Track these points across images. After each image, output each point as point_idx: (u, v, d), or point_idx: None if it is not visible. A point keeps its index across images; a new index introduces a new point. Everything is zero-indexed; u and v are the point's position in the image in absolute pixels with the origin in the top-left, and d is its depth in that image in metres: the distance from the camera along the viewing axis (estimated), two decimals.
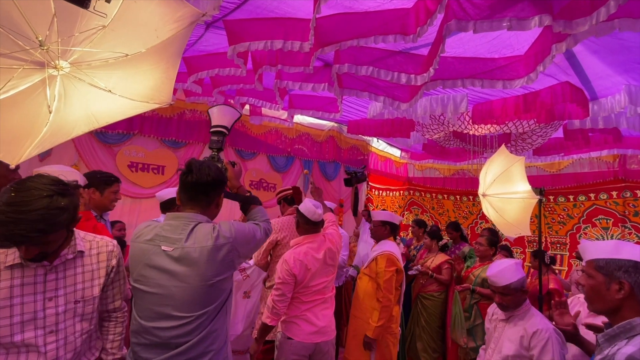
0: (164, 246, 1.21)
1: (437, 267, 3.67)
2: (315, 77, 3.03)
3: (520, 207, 3.08)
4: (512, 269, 1.88)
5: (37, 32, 1.06)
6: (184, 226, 1.24)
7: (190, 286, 1.19)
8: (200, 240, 1.22)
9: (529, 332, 1.75)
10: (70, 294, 1.22)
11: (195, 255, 1.20)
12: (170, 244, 1.21)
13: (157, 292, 1.20)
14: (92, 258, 1.30)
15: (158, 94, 1.13)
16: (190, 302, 1.19)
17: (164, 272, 1.20)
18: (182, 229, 1.24)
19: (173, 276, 1.19)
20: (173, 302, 1.19)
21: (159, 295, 1.20)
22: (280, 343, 2.11)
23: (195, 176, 1.26)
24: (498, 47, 2.40)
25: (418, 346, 3.67)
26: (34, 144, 0.92)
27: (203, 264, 1.20)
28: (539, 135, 3.95)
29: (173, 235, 1.23)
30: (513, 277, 1.85)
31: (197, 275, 1.19)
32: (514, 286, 1.84)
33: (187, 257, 1.20)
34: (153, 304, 1.20)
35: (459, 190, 7.11)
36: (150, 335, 1.20)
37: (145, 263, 1.22)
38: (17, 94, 1.07)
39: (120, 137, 4.20)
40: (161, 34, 1.25)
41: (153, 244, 1.23)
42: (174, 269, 1.20)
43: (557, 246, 5.91)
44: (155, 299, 1.20)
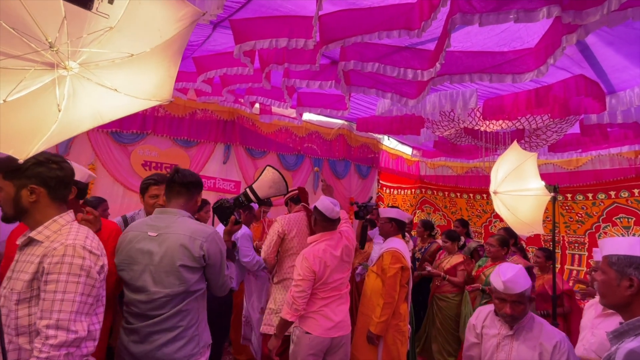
0: (150, 232, 1.49)
1: (452, 268, 3.62)
2: (322, 75, 3.04)
3: (533, 204, 3.01)
4: (523, 273, 1.69)
5: (47, 34, 1.11)
6: (169, 218, 1.53)
7: (162, 266, 1.45)
8: (180, 229, 1.49)
9: (547, 347, 1.56)
10: (13, 280, 1.11)
11: (172, 240, 1.47)
12: (155, 231, 1.49)
13: (138, 269, 1.47)
14: (39, 249, 1.12)
15: (160, 91, 1.18)
16: (161, 280, 1.45)
17: (145, 253, 1.47)
18: (168, 220, 1.52)
19: (151, 256, 1.46)
20: (149, 278, 1.46)
21: (140, 272, 1.47)
22: (298, 337, 2.15)
23: (180, 176, 1.57)
24: (507, 40, 2.35)
25: (433, 347, 3.64)
26: (42, 141, 0.98)
27: (176, 249, 1.45)
28: (553, 131, 3.83)
29: (159, 224, 1.51)
30: (526, 283, 1.67)
31: (169, 257, 1.45)
32: (527, 294, 1.66)
33: (165, 242, 1.47)
34: (135, 280, 1.47)
35: (472, 188, 6.97)
36: (133, 306, 1.48)
37: (132, 246, 1.49)
38: (29, 94, 1.12)
39: (135, 136, 4.32)
40: (164, 33, 1.29)
41: (141, 231, 1.51)
42: (153, 249, 1.47)
43: (575, 246, 5.72)
44: (137, 275, 1.47)
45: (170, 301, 1.45)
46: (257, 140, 5.26)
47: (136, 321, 1.48)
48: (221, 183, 4.93)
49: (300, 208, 2.91)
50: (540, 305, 3.46)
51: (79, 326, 1.05)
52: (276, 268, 2.83)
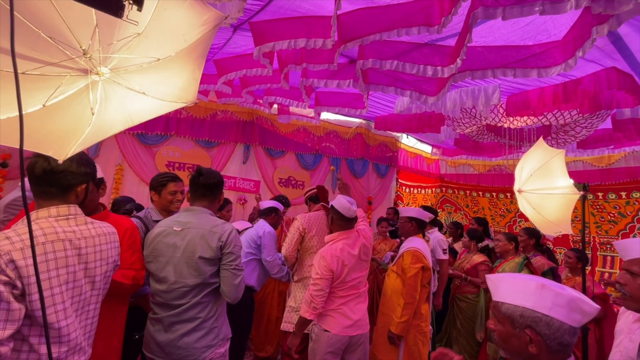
0: (175, 227, 1.62)
1: (473, 268, 3.54)
2: (340, 74, 3.05)
3: (561, 203, 2.89)
4: None
5: (81, 42, 1.17)
6: (193, 215, 1.66)
7: (184, 258, 1.56)
8: (201, 224, 1.61)
9: None
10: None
11: (193, 234, 1.59)
12: (180, 226, 1.62)
13: (163, 260, 1.58)
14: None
15: (185, 94, 1.22)
16: (181, 271, 1.56)
17: (170, 246, 1.59)
18: (191, 217, 1.65)
19: (175, 249, 1.58)
20: (172, 269, 1.57)
21: (164, 263, 1.58)
22: (317, 335, 2.18)
23: (204, 178, 1.68)
24: (532, 34, 2.26)
25: (454, 349, 3.58)
26: (78, 143, 1.04)
27: (197, 241, 1.57)
28: (583, 126, 3.66)
29: (184, 220, 1.64)
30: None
31: (190, 250, 1.56)
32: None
33: (187, 235, 1.59)
34: (159, 271, 1.59)
35: (495, 187, 6.76)
36: (157, 296, 1.60)
37: (159, 240, 1.62)
38: (65, 98, 1.19)
39: (159, 138, 4.48)
40: (189, 37, 1.33)
41: (168, 226, 1.64)
42: (177, 243, 1.59)
43: (606, 247, 5.44)
44: (161, 266, 1.58)
45: (189, 292, 1.56)
46: (275, 140, 5.33)
47: (160, 311, 1.59)
48: (241, 182, 5.03)
49: (320, 207, 2.92)
50: None
51: None
52: (296, 266, 2.86)
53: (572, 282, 3.44)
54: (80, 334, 1.17)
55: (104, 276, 1.24)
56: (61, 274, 1.08)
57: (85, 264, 1.16)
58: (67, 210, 1.16)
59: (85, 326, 1.20)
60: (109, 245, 1.26)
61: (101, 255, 1.22)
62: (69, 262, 1.10)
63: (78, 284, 1.14)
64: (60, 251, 1.08)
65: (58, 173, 1.14)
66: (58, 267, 1.07)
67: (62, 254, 1.09)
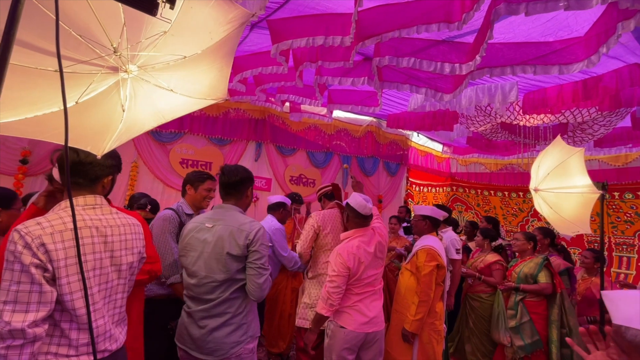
0: (207, 224, 1.68)
1: (487, 267, 3.51)
2: (354, 71, 3.04)
3: (579, 202, 2.84)
4: None
5: (112, 40, 1.19)
6: (223, 212, 1.71)
7: (213, 253, 1.60)
8: (230, 221, 1.66)
9: None
10: None
11: (223, 230, 1.63)
12: (212, 223, 1.67)
13: (194, 255, 1.64)
14: None
15: (214, 91, 1.24)
16: (210, 266, 1.60)
17: (201, 241, 1.64)
18: (222, 214, 1.70)
19: (206, 244, 1.63)
20: (202, 263, 1.61)
21: (195, 258, 1.63)
22: (333, 332, 2.19)
23: (226, 177, 1.73)
24: (553, 30, 2.23)
25: (466, 348, 3.56)
26: (113, 138, 1.07)
27: (225, 238, 1.61)
28: (601, 124, 3.59)
29: (215, 217, 1.70)
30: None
31: (219, 246, 1.60)
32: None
33: (217, 232, 1.63)
34: (191, 265, 1.63)
35: (507, 186, 6.68)
36: (189, 289, 1.65)
37: (192, 235, 1.67)
38: (97, 95, 1.22)
39: (173, 135, 4.54)
40: (215, 35, 1.35)
41: (200, 222, 1.70)
42: (208, 239, 1.63)
43: (622, 248, 5.34)
44: (193, 260, 1.63)
45: (218, 287, 1.60)
46: (287, 138, 5.35)
47: (192, 304, 1.64)
48: None
49: (334, 205, 2.92)
50: (586, 310, 3.28)
51: (8, 317, 0.97)
52: (310, 263, 2.87)
53: (588, 283, 3.39)
54: (108, 321, 1.20)
55: (129, 266, 1.26)
56: (89, 259, 1.11)
57: (111, 251, 1.19)
58: (93, 200, 1.20)
59: (113, 315, 1.22)
60: (134, 235, 1.29)
61: (126, 244, 1.24)
62: (95, 249, 1.14)
63: (105, 271, 1.16)
64: (87, 237, 1.12)
65: (86, 165, 1.18)
66: (86, 253, 1.11)
67: (89, 240, 1.12)
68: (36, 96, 1.09)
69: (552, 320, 3.01)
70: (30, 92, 1.09)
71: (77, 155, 1.19)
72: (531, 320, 3.04)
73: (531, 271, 3.09)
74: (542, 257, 3.15)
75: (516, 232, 6.44)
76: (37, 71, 1.19)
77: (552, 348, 2.96)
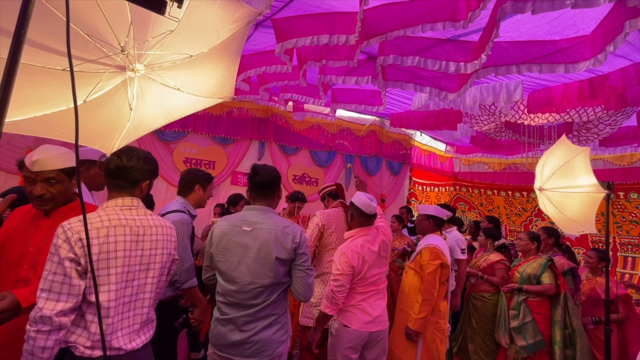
0: (244, 227, 1.61)
1: (489, 266, 3.50)
2: (358, 70, 3.04)
3: (584, 202, 2.83)
4: None
5: (119, 39, 1.20)
6: (259, 214, 1.65)
7: (259, 259, 1.56)
8: (272, 225, 1.61)
9: None
10: None
11: (266, 235, 1.58)
12: (249, 226, 1.61)
13: (234, 260, 1.58)
14: None
15: (221, 89, 1.24)
16: (257, 272, 1.55)
17: (241, 245, 1.58)
18: (258, 216, 1.64)
19: (247, 249, 1.58)
20: (246, 269, 1.56)
21: (236, 263, 1.57)
22: (337, 330, 2.19)
23: (260, 177, 1.65)
24: (559, 28, 2.21)
25: (469, 347, 3.55)
26: (121, 137, 1.08)
27: (271, 242, 1.57)
28: (606, 123, 3.57)
29: (251, 220, 1.63)
30: None
31: (265, 250, 1.56)
32: None
33: (260, 236, 1.58)
34: (231, 270, 1.58)
35: (510, 185, 6.66)
36: (229, 296, 1.58)
37: (229, 239, 1.60)
38: (104, 94, 1.22)
39: (177, 134, 4.55)
40: (221, 34, 1.35)
41: (235, 225, 1.63)
42: (249, 243, 1.58)
43: (627, 248, 5.31)
44: (233, 266, 1.58)
45: (263, 291, 1.57)
46: (290, 137, 5.35)
47: (232, 311, 1.58)
48: None
49: (338, 204, 2.93)
50: (591, 310, 3.26)
51: (42, 303, 1.05)
52: (314, 262, 2.87)
53: (593, 283, 3.37)
54: (130, 320, 1.23)
55: (160, 265, 1.30)
56: (119, 256, 1.17)
57: (142, 250, 1.24)
58: (130, 202, 1.27)
59: (138, 314, 1.25)
60: (165, 237, 1.33)
61: (157, 244, 1.29)
62: (127, 247, 1.19)
63: (133, 269, 1.21)
64: (120, 235, 1.18)
65: (128, 169, 1.24)
66: (117, 250, 1.16)
67: (122, 238, 1.18)
68: (44, 95, 1.10)
69: (556, 321, 3.00)
70: (38, 90, 1.10)
71: (120, 160, 1.25)
72: (534, 320, 3.03)
73: (534, 272, 3.08)
74: (546, 257, 3.13)
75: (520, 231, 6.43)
76: (45, 70, 1.20)
77: (555, 349, 2.95)
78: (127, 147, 1.24)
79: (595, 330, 3.18)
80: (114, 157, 1.22)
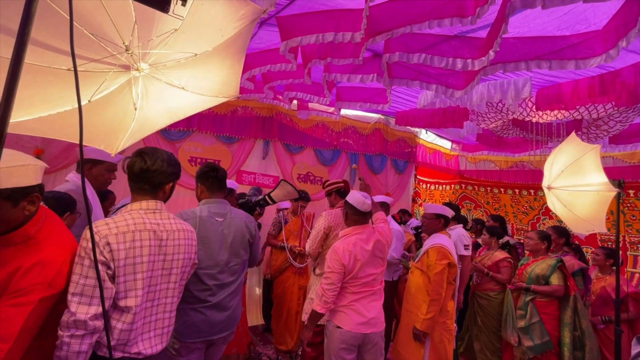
0: (217, 218, 1.89)
1: (494, 265, 3.46)
2: (363, 68, 3.00)
3: (594, 200, 2.78)
4: None
5: (124, 38, 1.19)
6: (224, 206, 1.95)
7: (237, 242, 1.91)
8: (238, 215, 1.99)
9: None
10: None
11: (237, 223, 1.95)
12: (221, 217, 1.91)
13: (215, 246, 1.84)
14: None
15: (226, 88, 1.23)
16: (237, 252, 1.91)
17: (219, 233, 1.87)
18: (224, 208, 1.94)
19: (224, 236, 1.88)
20: (227, 251, 1.87)
21: (217, 248, 1.85)
22: (330, 331, 2.17)
23: (221, 173, 1.94)
24: (570, 23, 2.16)
25: (475, 346, 3.52)
26: (125, 137, 1.07)
27: (242, 228, 1.95)
28: (617, 120, 3.50)
29: (219, 211, 1.92)
30: None
31: (240, 235, 1.93)
32: None
33: (232, 224, 1.92)
34: (215, 255, 1.83)
35: (517, 183, 6.58)
36: (213, 280, 1.80)
37: (207, 228, 1.84)
38: (109, 94, 1.22)
39: (182, 133, 4.55)
40: (225, 32, 1.34)
41: (210, 216, 1.87)
42: (224, 230, 1.89)
43: (637, 247, 5.22)
44: (214, 251, 1.83)
45: (239, 268, 1.93)
46: (294, 135, 5.33)
47: (213, 297, 1.79)
48: (260, 178, 5.07)
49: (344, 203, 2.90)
50: (600, 310, 3.21)
51: (74, 307, 1.04)
52: (319, 261, 2.86)
53: (603, 282, 3.32)
54: (150, 325, 1.22)
55: (180, 270, 1.29)
56: (144, 261, 1.17)
57: (164, 255, 1.24)
58: (154, 205, 1.27)
59: (161, 319, 1.25)
60: (187, 241, 1.33)
61: (179, 249, 1.29)
62: (151, 251, 1.20)
63: (156, 274, 1.21)
64: (145, 240, 1.19)
65: (152, 172, 1.24)
66: (142, 255, 1.17)
67: (147, 242, 1.19)
68: (49, 95, 1.09)
69: (565, 322, 2.96)
70: (43, 90, 1.09)
71: (144, 163, 1.24)
72: (541, 320, 2.99)
73: (543, 272, 3.03)
74: (556, 259, 3.09)
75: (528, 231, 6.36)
76: (49, 70, 1.19)
77: (564, 351, 2.91)
78: (151, 149, 1.24)
79: (605, 330, 3.13)
80: (137, 159, 1.22)
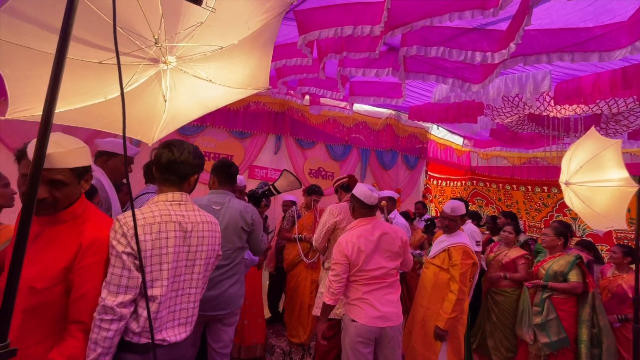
0: (214, 206, 2.02)
1: (511, 262, 3.43)
2: (378, 62, 2.99)
3: (615, 196, 2.73)
4: None
5: (154, 31, 1.21)
6: (224, 196, 2.09)
7: (229, 228, 2.02)
8: (236, 204, 2.08)
9: None
10: None
11: (233, 211, 2.06)
12: (218, 205, 2.05)
13: None
14: None
15: (255, 80, 1.24)
16: (230, 238, 2.01)
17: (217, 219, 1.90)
18: (223, 198, 2.08)
19: (221, 222, 1.96)
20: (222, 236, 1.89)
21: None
22: (346, 325, 2.18)
23: (235, 168, 2.12)
24: (595, 15, 2.12)
25: (489, 343, 3.50)
26: (159, 127, 1.09)
27: (237, 216, 2.05)
28: (638, 115, 3.42)
29: (220, 200, 2.07)
30: None
31: (233, 222, 2.04)
32: None
33: (228, 212, 2.04)
34: None
35: (530, 180, 6.49)
36: None
37: None
38: (139, 86, 1.24)
39: (196, 128, 4.60)
40: (251, 25, 1.35)
41: (208, 205, 2.01)
42: (219, 218, 1.97)
43: None
44: None
45: (233, 253, 2.04)
46: (306, 131, 5.34)
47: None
48: (272, 173, 5.10)
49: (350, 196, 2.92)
50: (617, 308, 3.16)
51: (104, 294, 1.09)
52: (327, 254, 2.88)
53: (619, 279, 3.27)
54: (174, 313, 1.25)
55: (204, 262, 1.31)
56: (170, 252, 1.19)
57: (189, 247, 1.26)
58: (180, 197, 1.28)
59: (185, 309, 1.28)
60: (211, 233, 1.35)
61: (203, 241, 1.30)
62: (176, 242, 1.22)
63: (180, 264, 1.23)
64: (170, 231, 1.20)
65: (179, 163, 1.25)
66: (168, 246, 1.19)
67: (172, 234, 1.20)
68: (84, 87, 1.12)
69: (583, 320, 2.92)
70: (78, 83, 1.12)
71: (172, 154, 1.25)
72: (558, 317, 2.96)
73: (561, 269, 3.00)
74: (575, 255, 3.05)
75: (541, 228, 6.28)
76: (82, 63, 1.22)
77: (581, 348, 2.88)
78: (177, 141, 1.25)
79: (622, 329, 3.09)
80: (165, 150, 1.23)
